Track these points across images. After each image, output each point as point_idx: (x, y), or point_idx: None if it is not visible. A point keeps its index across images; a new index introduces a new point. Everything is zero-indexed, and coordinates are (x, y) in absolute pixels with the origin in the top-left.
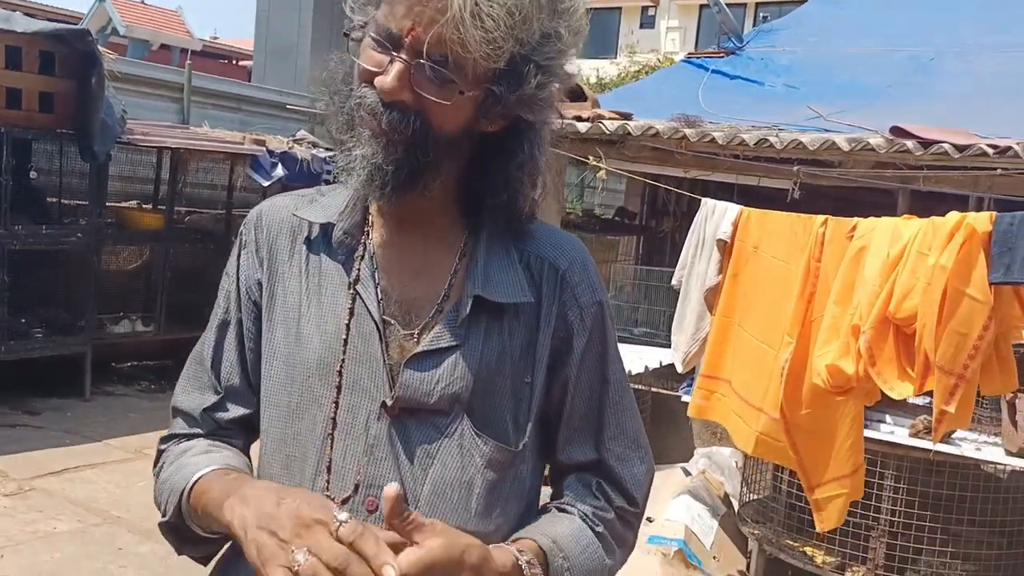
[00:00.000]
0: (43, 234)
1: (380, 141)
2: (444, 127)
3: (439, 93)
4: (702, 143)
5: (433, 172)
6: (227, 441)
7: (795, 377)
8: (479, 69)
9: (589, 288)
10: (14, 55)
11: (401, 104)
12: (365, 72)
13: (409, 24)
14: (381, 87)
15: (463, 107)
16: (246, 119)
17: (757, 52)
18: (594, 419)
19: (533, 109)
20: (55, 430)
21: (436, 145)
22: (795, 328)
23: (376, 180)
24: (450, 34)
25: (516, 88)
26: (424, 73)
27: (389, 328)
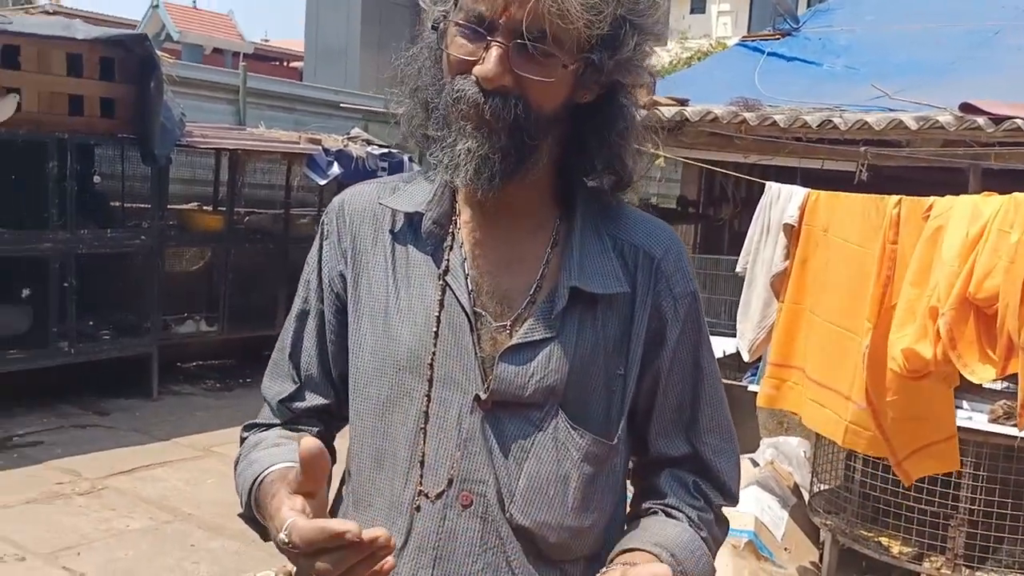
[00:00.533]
0: (108, 238)
1: (484, 132)
2: (545, 106)
3: (541, 71)
4: (763, 127)
5: (536, 153)
6: (301, 430)
7: (878, 363)
8: (580, 39)
9: (683, 278)
10: (75, 62)
11: (503, 89)
12: (458, 63)
13: (502, 4)
14: (482, 75)
15: (564, 82)
16: (300, 119)
17: (814, 33)
18: (687, 411)
19: (631, 71)
20: (124, 429)
21: (539, 124)
22: (874, 313)
23: (484, 172)
24: (548, 6)
25: (615, 53)
26: (524, 53)
27: (481, 320)
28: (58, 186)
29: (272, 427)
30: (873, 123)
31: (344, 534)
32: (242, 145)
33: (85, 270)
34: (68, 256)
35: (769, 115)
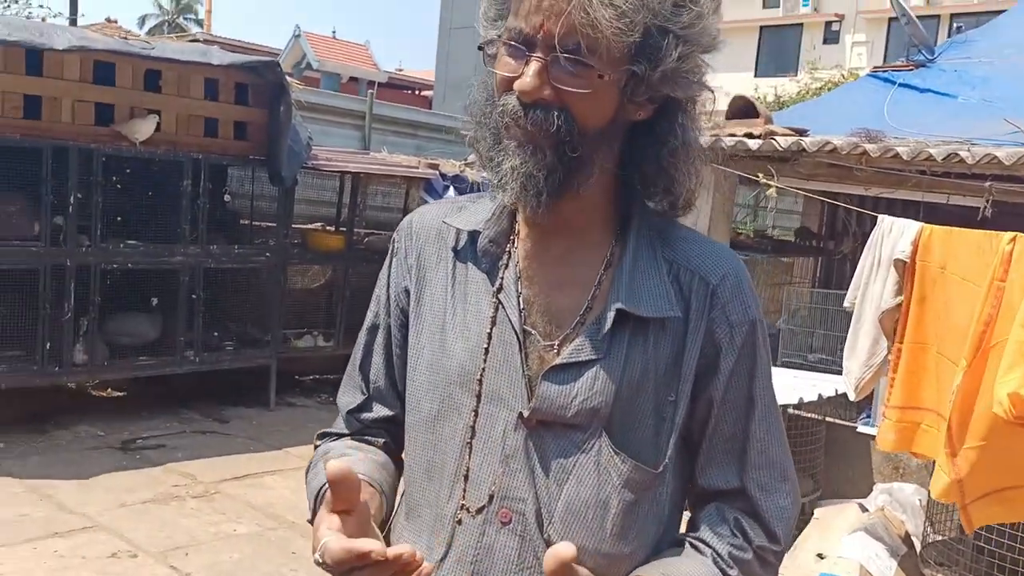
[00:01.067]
0: (235, 253)
1: (527, 148)
2: (589, 119)
3: (578, 82)
4: (885, 159)
5: (585, 171)
6: (368, 440)
7: (965, 404)
8: (614, 48)
9: (741, 305)
10: (212, 86)
11: (543, 102)
12: (503, 80)
13: (539, 20)
14: (521, 88)
15: (605, 94)
16: (422, 144)
17: (950, 64)
18: (738, 444)
19: (679, 84)
20: (241, 437)
21: (584, 140)
22: (971, 352)
23: (530, 190)
24: (579, 18)
25: (657, 63)
26: (560, 66)
27: (530, 338)
28: (191, 203)
29: (340, 436)
30: (1003, 157)
31: (369, 554)
32: (364, 168)
33: (212, 283)
34: (197, 270)
35: (892, 147)
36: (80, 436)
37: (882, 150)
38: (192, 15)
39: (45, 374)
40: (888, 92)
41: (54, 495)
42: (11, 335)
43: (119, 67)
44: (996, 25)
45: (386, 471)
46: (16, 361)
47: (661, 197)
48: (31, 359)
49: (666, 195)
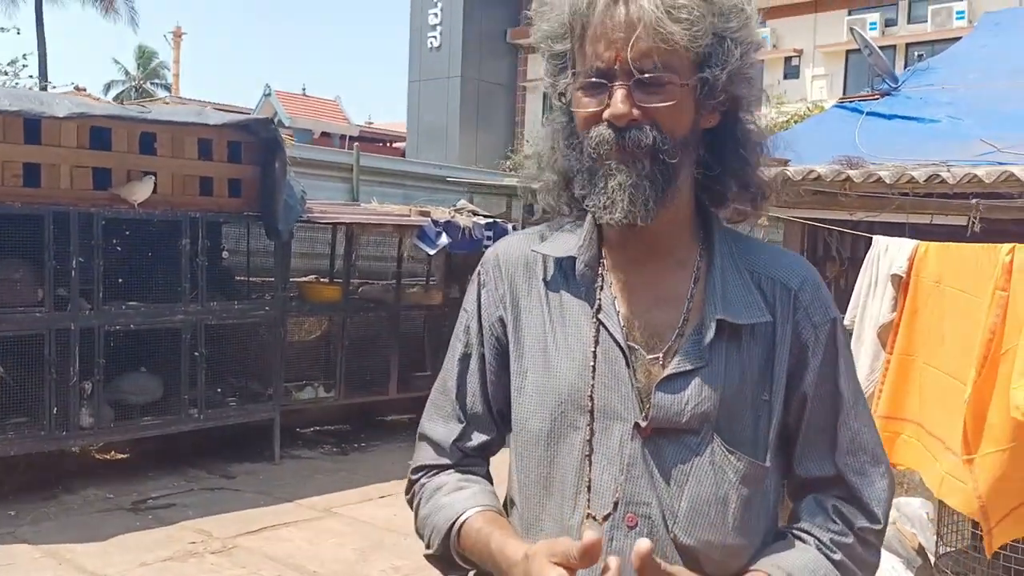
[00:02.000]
0: (235, 309)
1: (628, 162)
2: (676, 129)
3: (663, 97)
4: (868, 184)
5: (678, 177)
6: (472, 471)
7: (979, 413)
8: (688, 58)
9: (822, 306)
10: (205, 146)
11: (634, 123)
12: (589, 117)
13: (613, 54)
14: (612, 114)
15: (686, 103)
16: (409, 193)
17: (914, 91)
18: (830, 434)
19: (743, 83)
20: (250, 492)
21: (675, 148)
22: (980, 361)
23: (639, 199)
24: (651, 40)
25: (724, 66)
26: (643, 86)
27: (635, 353)
28: (190, 262)
29: (441, 467)
30: (983, 176)
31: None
32: (358, 219)
33: (213, 340)
34: (198, 327)
35: (874, 172)
36: (90, 499)
37: (865, 175)
38: (159, 80)
39: (53, 439)
40: (857, 121)
41: (73, 559)
42: (17, 401)
43: (115, 131)
44: (954, 53)
45: (498, 501)
46: (23, 427)
47: (738, 197)
48: (38, 425)
49: (743, 193)
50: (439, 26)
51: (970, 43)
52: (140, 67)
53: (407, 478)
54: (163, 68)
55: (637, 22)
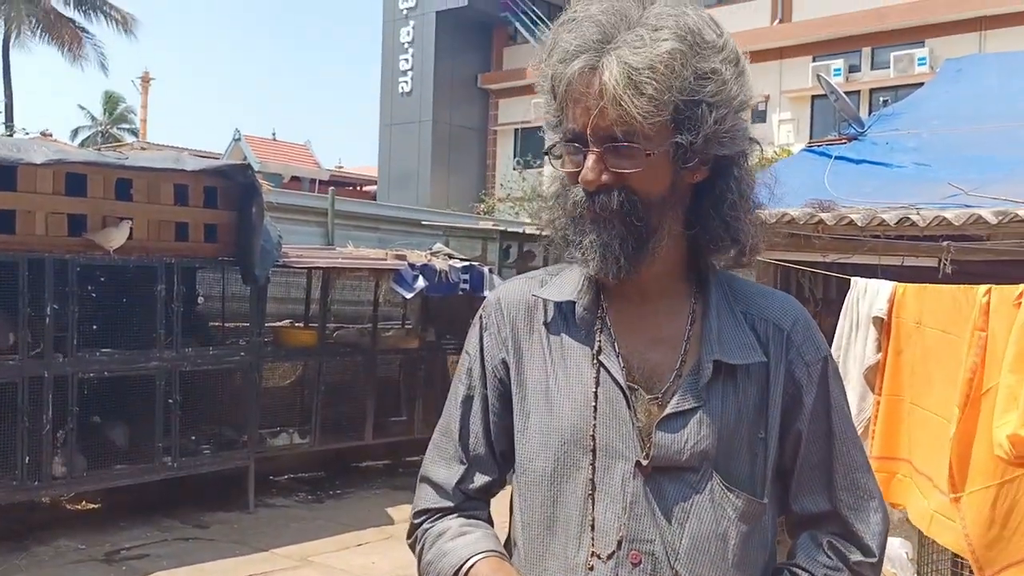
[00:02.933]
0: (210, 355)
1: (599, 223)
2: (649, 190)
3: (629, 164)
4: (840, 226)
5: (656, 236)
6: (475, 515)
7: (964, 451)
8: (653, 127)
9: (814, 346)
10: (181, 191)
11: (604, 187)
12: (571, 175)
13: (585, 120)
14: (583, 180)
15: (658, 167)
16: (384, 237)
17: (880, 136)
18: (825, 470)
19: (723, 144)
20: (225, 542)
21: (649, 209)
22: (962, 400)
23: (609, 257)
24: (614, 111)
25: (697, 131)
26: (612, 153)
27: (635, 393)
28: (165, 307)
29: (445, 510)
30: (952, 218)
31: None
32: (335, 264)
33: (188, 387)
34: (173, 374)
35: (846, 215)
36: (61, 551)
37: (837, 218)
38: (126, 125)
39: (24, 489)
40: (826, 165)
41: None
42: None
43: (91, 178)
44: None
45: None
46: None
47: (728, 249)
48: (10, 475)
49: (733, 246)
50: (410, 71)
51: (933, 89)
52: (107, 112)
53: (409, 522)
54: (130, 113)
55: (602, 93)
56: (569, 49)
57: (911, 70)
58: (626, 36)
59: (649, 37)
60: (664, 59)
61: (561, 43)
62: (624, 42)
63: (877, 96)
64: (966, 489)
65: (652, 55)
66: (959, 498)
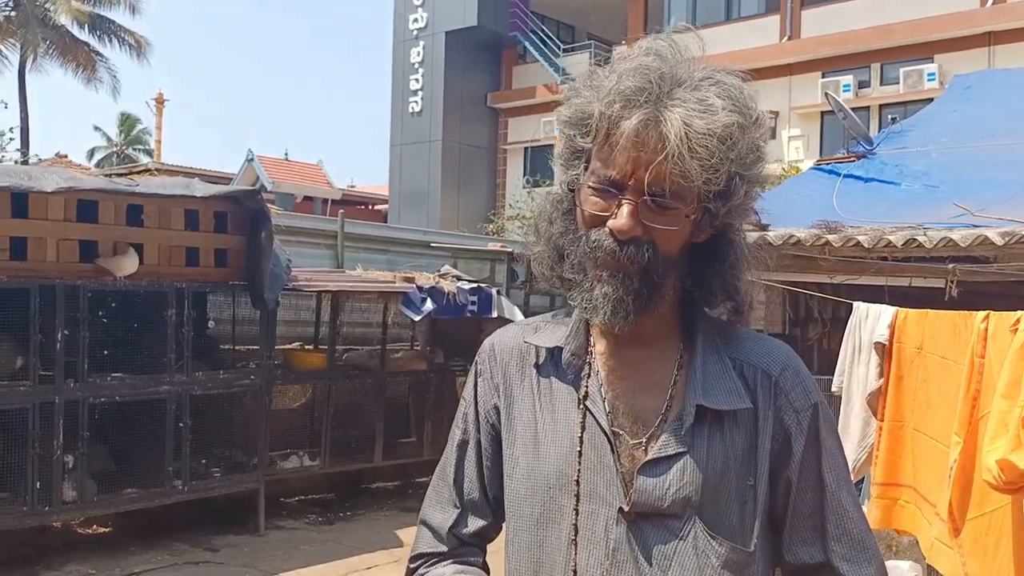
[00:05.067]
0: (220, 379)
1: (619, 277)
2: (670, 250)
3: (668, 222)
4: (847, 248)
5: (664, 290)
6: (468, 561)
7: (964, 478)
8: (699, 193)
9: (803, 392)
10: (192, 216)
11: (635, 239)
12: (592, 218)
13: (630, 169)
14: (617, 227)
15: (685, 228)
16: (393, 259)
17: (889, 155)
18: (817, 519)
19: (739, 216)
20: (234, 566)
21: (665, 266)
22: (962, 427)
23: (620, 312)
24: (671, 169)
25: (728, 201)
26: (649, 207)
27: (619, 439)
28: (176, 332)
29: (440, 555)
30: (959, 240)
31: None
32: (343, 287)
33: (198, 410)
34: (184, 397)
35: (852, 236)
36: None
37: (843, 240)
38: (141, 146)
39: (35, 514)
40: (834, 183)
41: None
42: None
43: (102, 204)
44: (927, 115)
45: None
46: (5, 503)
47: (725, 305)
48: (21, 500)
49: (730, 302)
50: (420, 91)
51: (942, 106)
52: (122, 134)
53: (407, 566)
54: (146, 134)
55: (661, 149)
56: (625, 90)
57: (921, 85)
58: (684, 95)
59: (716, 105)
60: (727, 131)
61: (614, 81)
62: (683, 101)
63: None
64: (967, 516)
65: (719, 123)
66: (958, 527)
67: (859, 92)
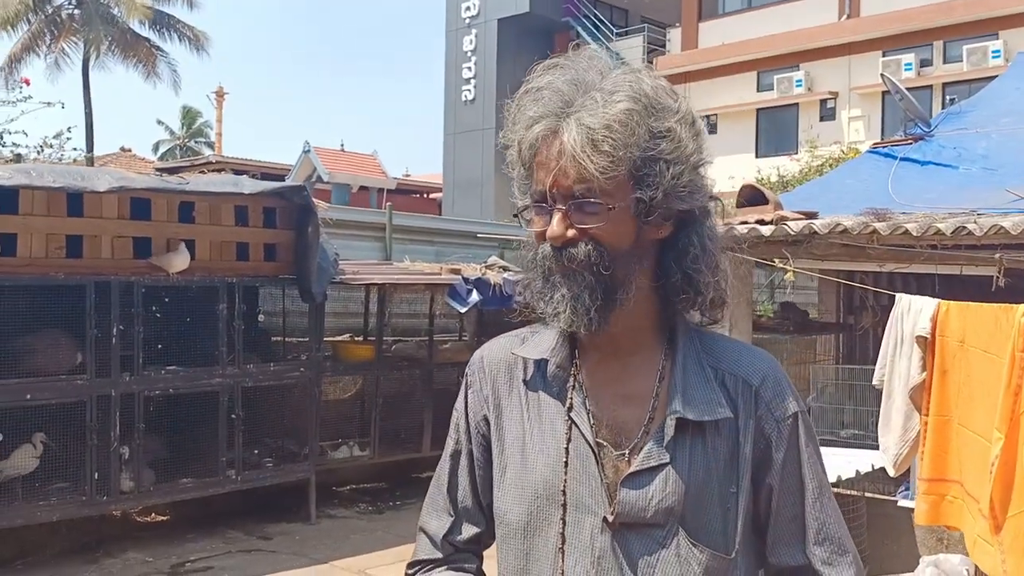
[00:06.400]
0: (271, 371)
1: (569, 275)
2: (614, 243)
3: (594, 219)
4: (895, 236)
5: (624, 287)
6: (462, 567)
7: (1006, 474)
8: (611, 183)
9: (783, 402)
10: (242, 212)
11: (571, 241)
12: (538, 235)
13: (550, 180)
14: (551, 236)
15: (620, 220)
16: (441, 250)
17: (947, 137)
18: (799, 524)
19: (683, 198)
20: (286, 553)
21: (615, 260)
22: (1003, 423)
23: (579, 308)
24: (575, 170)
25: (656, 187)
26: (577, 210)
27: (603, 450)
28: (227, 326)
29: (435, 562)
30: (1010, 227)
31: None
32: (390, 279)
33: (250, 402)
34: (236, 389)
35: (901, 224)
36: (130, 563)
37: (892, 228)
38: (203, 138)
39: (93, 504)
40: (890, 167)
41: None
42: (59, 467)
43: (155, 202)
44: (988, 95)
45: None
46: (65, 493)
47: (694, 302)
48: (80, 490)
49: (697, 298)
50: (473, 79)
51: (1003, 84)
52: (184, 127)
53: (405, 572)
54: (207, 127)
55: (563, 154)
56: (532, 116)
57: (985, 63)
58: (584, 100)
59: (604, 100)
60: (619, 118)
61: (525, 111)
62: (582, 106)
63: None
64: (1008, 513)
65: (608, 115)
66: (999, 523)
67: (921, 71)
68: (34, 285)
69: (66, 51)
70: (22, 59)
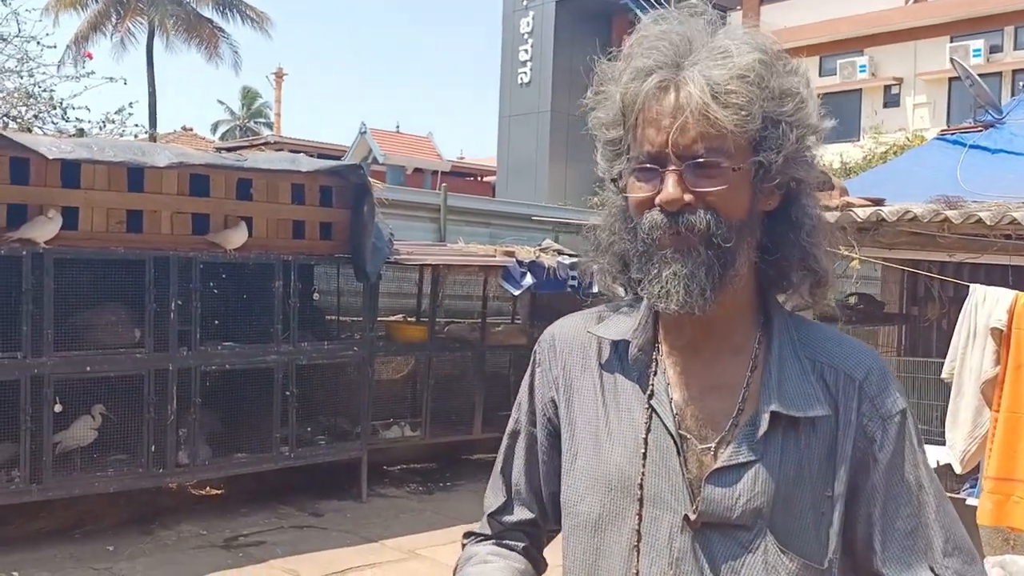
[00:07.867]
0: (325, 349)
1: (683, 250)
2: (731, 212)
3: (714, 182)
4: (967, 224)
5: (737, 263)
6: (508, 545)
7: None
8: (739, 142)
9: (889, 398)
10: (298, 191)
11: (688, 207)
12: (641, 201)
13: (663, 139)
14: (664, 199)
15: (740, 186)
16: (496, 232)
17: (1020, 124)
18: (921, 536)
19: (800, 165)
20: (336, 531)
21: (731, 231)
22: None
23: (694, 289)
24: (700, 125)
25: (779, 149)
26: (694, 171)
27: (686, 442)
28: (283, 303)
29: (485, 536)
30: None
31: None
32: (444, 260)
33: (304, 380)
34: (290, 367)
35: (974, 212)
36: (184, 535)
37: (964, 216)
38: (263, 119)
39: (150, 476)
40: (959, 155)
41: None
42: (118, 439)
43: (213, 179)
44: None
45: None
46: (123, 465)
47: (804, 281)
48: (136, 462)
49: (810, 276)
50: (529, 62)
51: None
52: (244, 107)
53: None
54: (266, 108)
55: (685, 108)
56: (642, 67)
57: None
58: (703, 52)
59: (729, 50)
60: (751, 69)
61: (633, 62)
62: (702, 58)
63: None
64: None
65: (738, 65)
66: None
67: (990, 57)
68: (95, 259)
69: (131, 30)
70: (88, 38)
